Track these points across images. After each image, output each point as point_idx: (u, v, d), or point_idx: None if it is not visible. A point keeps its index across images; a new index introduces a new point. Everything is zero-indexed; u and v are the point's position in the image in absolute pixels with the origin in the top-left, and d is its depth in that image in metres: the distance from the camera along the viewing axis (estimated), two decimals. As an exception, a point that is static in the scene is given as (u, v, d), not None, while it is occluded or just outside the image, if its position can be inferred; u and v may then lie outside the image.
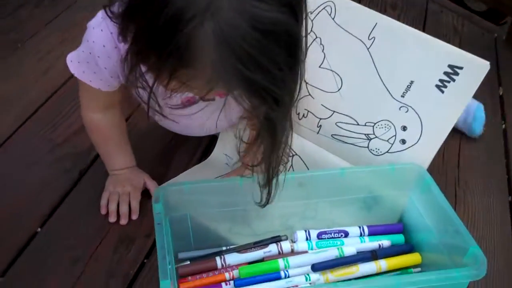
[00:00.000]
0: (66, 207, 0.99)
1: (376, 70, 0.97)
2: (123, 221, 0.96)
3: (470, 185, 1.12)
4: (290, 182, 0.88)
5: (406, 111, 0.97)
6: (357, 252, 0.88)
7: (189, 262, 0.88)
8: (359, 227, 0.93)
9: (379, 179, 0.92)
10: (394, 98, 0.96)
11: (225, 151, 1.11)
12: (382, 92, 0.96)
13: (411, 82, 0.95)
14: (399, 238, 0.94)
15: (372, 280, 0.85)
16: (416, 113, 0.96)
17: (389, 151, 0.96)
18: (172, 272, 0.82)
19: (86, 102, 0.95)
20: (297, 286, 0.83)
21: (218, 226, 0.91)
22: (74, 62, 0.86)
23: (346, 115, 0.99)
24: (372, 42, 0.97)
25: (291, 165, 1.05)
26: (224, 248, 0.90)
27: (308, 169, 1.02)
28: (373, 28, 0.97)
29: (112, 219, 0.96)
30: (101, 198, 0.99)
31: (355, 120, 0.99)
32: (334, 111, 1.00)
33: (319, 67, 1.01)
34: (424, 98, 0.95)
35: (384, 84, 0.96)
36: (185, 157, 1.11)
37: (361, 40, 0.98)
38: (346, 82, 0.98)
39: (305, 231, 0.92)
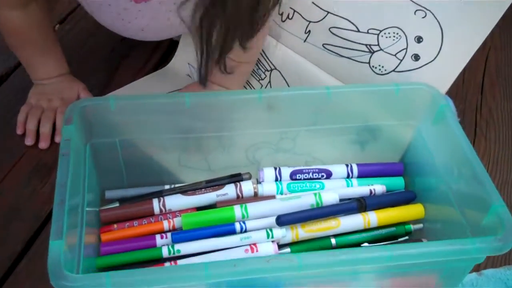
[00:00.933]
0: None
1: None
2: (43, 144, 0.75)
3: (496, 114, 0.88)
4: (257, 103, 0.66)
5: (424, 16, 0.72)
6: (340, 200, 0.67)
7: (117, 205, 0.67)
8: (347, 166, 0.72)
9: (377, 103, 0.69)
10: (409, -2, 0.71)
11: (188, 59, 0.88)
12: None
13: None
14: (398, 182, 0.71)
15: (346, 252, 0.64)
16: (437, 19, 0.72)
17: (396, 70, 0.73)
18: (90, 218, 0.62)
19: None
20: (255, 244, 0.62)
21: (161, 157, 0.69)
22: None
23: (344, 18, 0.75)
24: None
25: (269, 81, 0.82)
26: (166, 187, 0.69)
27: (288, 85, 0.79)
28: None
29: (29, 141, 0.75)
30: (19, 112, 0.77)
31: (355, 26, 0.74)
32: (328, 12, 0.76)
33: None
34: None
35: None
36: (136, 63, 0.88)
37: None
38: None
39: (275, 168, 0.70)
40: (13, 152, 0.74)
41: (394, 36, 0.73)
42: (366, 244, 0.65)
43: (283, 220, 0.62)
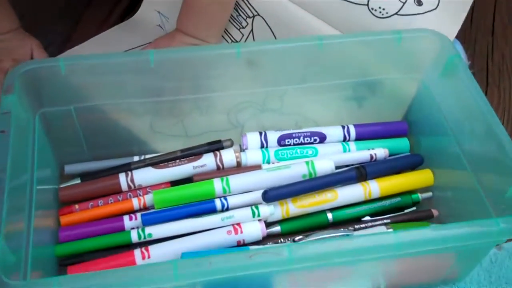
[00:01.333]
0: None
1: None
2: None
3: (510, 60, 0.78)
4: (235, 59, 0.56)
5: None
6: (336, 168, 0.58)
7: (79, 181, 0.58)
8: (343, 128, 0.62)
9: (377, 54, 0.59)
10: None
11: (157, 7, 0.77)
12: None
13: None
14: (402, 144, 0.62)
15: (346, 241, 0.55)
16: None
17: (399, 13, 0.62)
18: (46, 198, 0.53)
19: None
20: (239, 224, 0.54)
21: (129, 123, 0.60)
22: None
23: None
24: None
25: (251, 30, 0.71)
26: (135, 159, 0.60)
27: (275, 37, 0.69)
28: None
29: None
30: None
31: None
32: None
33: None
34: None
35: None
36: (100, 14, 0.77)
37: None
38: None
39: (260, 133, 0.61)
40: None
41: (398, -26, 0.63)
42: (367, 217, 0.56)
43: (270, 196, 0.53)
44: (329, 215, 0.56)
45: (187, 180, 0.58)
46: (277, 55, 0.57)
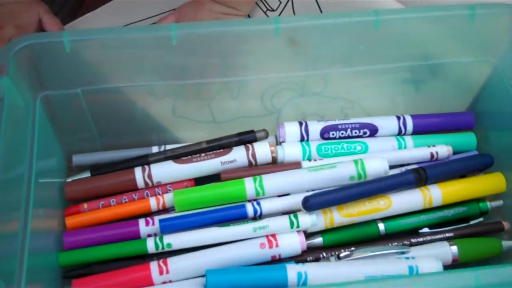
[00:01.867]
0: None
1: None
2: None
3: None
4: (273, 37, 0.47)
5: None
6: (390, 168, 0.49)
7: (89, 175, 0.50)
8: (398, 119, 0.53)
9: (444, 32, 0.49)
10: None
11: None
12: None
13: None
14: (468, 140, 0.53)
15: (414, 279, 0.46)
16: None
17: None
18: (49, 194, 0.45)
19: None
20: (274, 236, 0.45)
21: (147, 106, 0.51)
22: None
23: None
24: None
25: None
26: (153, 150, 0.51)
27: (319, 7, 0.59)
28: None
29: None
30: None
31: None
32: None
33: None
34: None
35: None
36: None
37: None
38: None
39: (301, 124, 0.52)
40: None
41: None
42: (426, 229, 0.48)
43: (312, 204, 0.45)
44: (381, 226, 0.47)
45: (213, 177, 0.49)
46: (323, 33, 0.48)
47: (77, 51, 0.44)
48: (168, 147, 0.51)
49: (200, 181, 0.49)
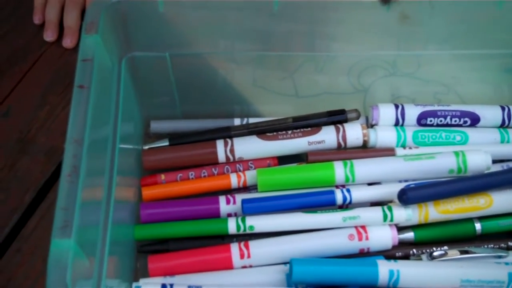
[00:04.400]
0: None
1: None
2: (68, 41, 0.53)
3: None
4: (384, 12, 0.43)
5: None
6: (493, 163, 0.45)
7: (167, 143, 0.47)
8: (502, 110, 0.48)
9: None
10: None
11: None
12: None
13: None
14: None
15: None
16: None
17: None
18: (126, 161, 0.43)
19: None
20: (364, 228, 0.42)
21: (229, 75, 0.48)
22: None
23: None
24: None
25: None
26: (235, 123, 0.48)
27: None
28: None
29: (49, 36, 0.54)
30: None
31: None
32: None
33: None
34: None
35: None
36: None
37: None
38: None
39: (396, 106, 0.48)
40: (27, 52, 0.53)
41: None
42: (525, 233, 0.44)
43: (410, 197, 0.41)
44: (478, 226, 0.43)
45: (299, 157, 0.46)
46: (437, 10, 0.43)
47: (171, 11, 0.41)
48: (251, 120, 0.48)
49: (283, 160, 0.46)
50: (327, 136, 0.46)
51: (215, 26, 0.43)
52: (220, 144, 0.46)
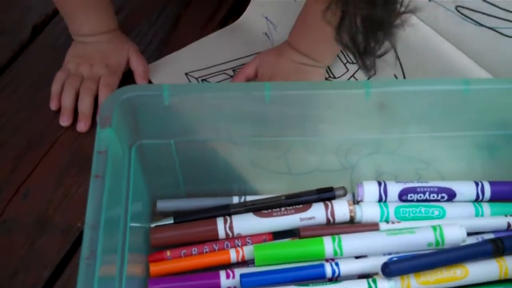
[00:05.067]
0: (1, 86, 0.62)
1: None
2: (82, 125, 0.59)
3: None
4: (363, 100, 0.48)
5: None
6: (468, 236, 0.49)
7: (172, 221, 0.51)
8: (476, 185, 0.53)
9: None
10: None
11: (265, 12, 0.69)
12: None
13: None
14: (545, 211, 0.53)
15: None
16: None
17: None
18: (135, 238, 0.47)
19: None
20: (351, 299, 0.46)
21: (228, 158, 0.53)
22: None
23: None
24: None
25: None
26: (233, 201, 0.53)
27: (402, 71, 0.60)
28: None
29: (65, 121, 0.59)
30: (53, 80, 0.61)
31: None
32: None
33: None
34: None
35: None
36: (199, 16, 0.70)
37: None
38: None
39: (379, 184, 0.53)
40: (44, 136, 0.58)
41: (559, 6, 0.52)
42: (500, 301, 0.48)
43: (392, 270, 0.45)
44: (455, 295, 0.48)
45: (292, 232, 0.51)
46: (413, 98, 0.48)
47: (175, 104, 0.46)
48: (248, 198, 0.53)
49: (278, 235, 0.51)
50: (317, 213, 0.50)
51: (214, 116, 0.48)
52: (220, 221, 0.50)
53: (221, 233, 0.50)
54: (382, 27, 0.37)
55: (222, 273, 0.48)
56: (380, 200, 0.52)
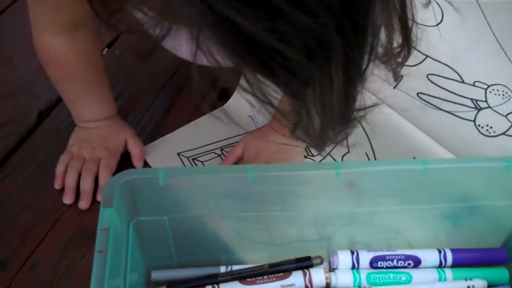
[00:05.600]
0: (10, 168, 0.69)
1: (487, 21, 0.61)
2: (83, 203, 0.65)
3: None
4: (334, 180, 0.54)
5: None
6: (432, 299, 0.55)
7: (165, 290, 0.57)
8: (439, 252, 0.59)
9: (483, 181, 0.56)
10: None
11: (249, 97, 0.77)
12: (497, 52, 0.60)
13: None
14: (501, 275, 0.59)
15: None
16: None
17: (507, 133, 0.60)
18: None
19: (37, 17, 0.61)
20: None
21: (216, 231, 0.59)
22: None
23: (446, 65, 0.62)
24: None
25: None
26: (221, 270, 0.58)
27: (372, 149, 0.67)
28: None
29: (68, 199, 0.65)
30: (58, 162, 0.68)
31: (458, 75, 0.62)
32: (426, 56, 0.63)
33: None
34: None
35: (498, 42, 0.59)
36: (192, 102, 0.77)
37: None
38: (448, 16, 0.60)
39: (352, 253, 0.59)
40: (49, 213, 0.64)
41: (503, 95, 0.60)
42: None
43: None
44: None
45: (274, 298, 0.56)
46: (378, 177, 0.55)
47: (169, 185, 0.53)
48: (235, 267, 0.58)
49: (262, 300, 0.56)
50: (296, 280, 0.56)
51: (204, 195, 0.54)
52: (209, 289, 0.56)
53: (210, 300, 0.55)
54: (341, 124, 0.40)
55: (211, 337, 0.53)
56: (353, 267, 0.58)
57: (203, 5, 0.29)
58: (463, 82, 0.62)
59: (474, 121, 0.61)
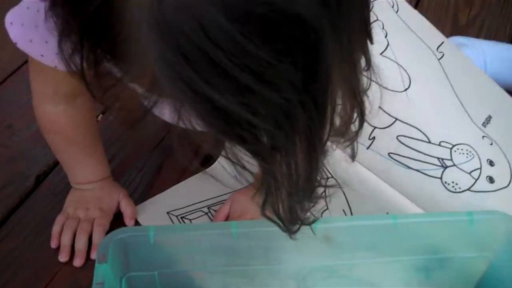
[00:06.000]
0: (10, 228, 0.73)
1: (451, 85, 0.67)
2: (77, 261, 0.69)
3: None
4: (312, 234, 0.59)
5: (491, 144, 0.67)
6: None
7: None
8: (413, 302, 0.63)
9: (449, 233, 0.61)
10: (475, 124, 0.66)
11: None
12: (460, 112, 0.67)
13: (490, 117, 0.69)
14: (472, 323, 0.63)
15: None
16: (502, 151, 0.67)
17: (471, 189, 0.65)
18: None
19: (39, 87, 0.67)
20: None
21: (203, 284, 0.63)
22: (16, 24, 0.57)
23: (414, 127, 0.68)
24: (442, 56, 0.71)
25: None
26: (208, 323, 0.62)
27: (349, 206, 0.72)
28: (440, 45, 0.72)
29: (63, 257, 0.69)
30: (54, 222, 0.72)
31: (426, 136, 0.67)
32: (396, 119, 0.68)
33: (381, 54, 0.69)
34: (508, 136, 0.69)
35: (461, 104, 0.66)
36: (181, 164, 0.82)
37: (429, 47, 0.71)
38: (415, 82, 0.67)
39: (331, 305, 0.63)
40: (45, 270, 0.68)
41: (467, 154, 0.66)
42: None
43: None
44: None
45: None
46: (351, 233, 0.60)
47: (158, 242, 0.57)
48: (220, 320, 0.62)
49: None
50: (279, 331, 0.60)
51: (191, 251, 0.59)
52: None
53: None
54: (306, 196, 0.43)
55: None
56: (334, 319, 0.62)
57: (183, 83, 0.34)
58: (430, 142, 0.67)
59: (441, 178, 0.66)
